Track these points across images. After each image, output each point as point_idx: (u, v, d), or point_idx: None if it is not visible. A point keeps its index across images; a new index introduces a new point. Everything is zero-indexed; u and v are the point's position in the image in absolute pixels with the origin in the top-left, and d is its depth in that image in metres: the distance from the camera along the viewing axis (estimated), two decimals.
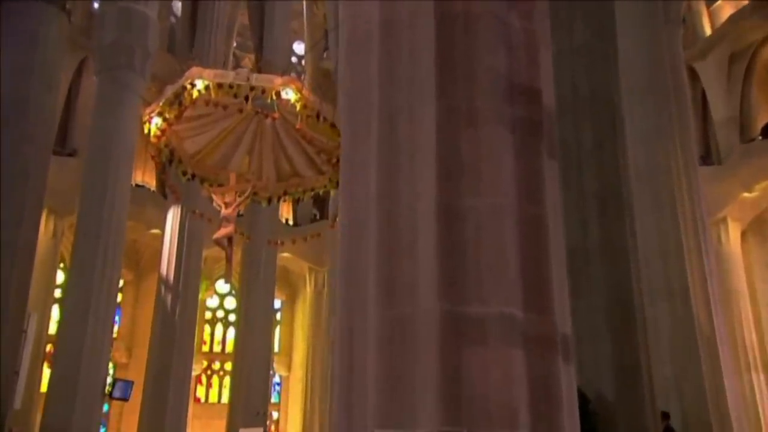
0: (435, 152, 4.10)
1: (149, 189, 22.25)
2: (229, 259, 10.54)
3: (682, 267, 10.80)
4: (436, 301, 3.86)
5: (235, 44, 24.23)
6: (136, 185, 20.23)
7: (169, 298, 17.19)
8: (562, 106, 7.51)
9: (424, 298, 3.90)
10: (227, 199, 10.59)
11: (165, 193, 22.29)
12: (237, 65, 23.97)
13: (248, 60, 25.29)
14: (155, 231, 22.03)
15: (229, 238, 10.49)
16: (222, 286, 25.95)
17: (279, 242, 12.82)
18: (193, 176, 11.43)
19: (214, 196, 11.00)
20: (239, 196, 10.80)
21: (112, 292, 14.43)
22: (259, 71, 11.80)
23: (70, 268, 15.62)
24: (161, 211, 20.24)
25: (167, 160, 10.84)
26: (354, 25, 4.68)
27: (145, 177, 22.97)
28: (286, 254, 22.98)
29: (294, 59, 27.89)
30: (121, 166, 14.91)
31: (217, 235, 10.30)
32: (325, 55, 26.34)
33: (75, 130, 20.98)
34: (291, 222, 25.76)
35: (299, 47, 28.59)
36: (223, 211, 10.55)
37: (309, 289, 25.42)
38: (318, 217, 26.02)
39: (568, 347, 4.00)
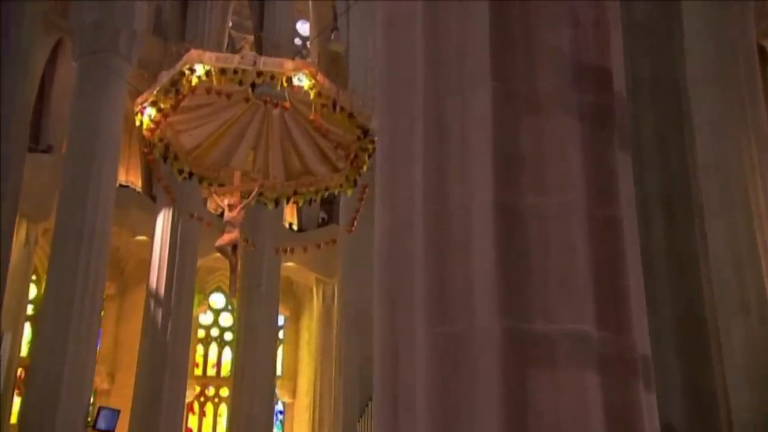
0: (491, 143, 4.06)
1: (134, 190, 22.35)
2: (233, 269, 10.55)
3: (758, 277, 10.67)
4: (495, 318, 3.81)
5: (230, 24, 24.29)
6: (120, 185, 20.25)
7: (159, 314, 17.25)
8: None
9: (480, 314, 3.85)
10: (231, 201, 10.58)
11: (152, 195, 22.39)
12: (233, 48, 24.03)
13: (246, 42, 25.32)
14: (141, 238, 22.10)
15: (234, 246, 10.49)
16: (217, 300, 26.00)
17: (288, 250, 12.80)
18: (191, 175, 11.44)
19: (215, 198, 11.00)
20: (244, 198, 10.77)
21: (96, 308, 14.49)
22: (261, 54, 11.77)
23: (47, 280, 15.69)
24: (149, 215, 20.32)
25: (161, 157, 10.80)
26: (392, 1, 4.65)
27: (130, 176, 23.09)
28: (290, 264, 23.01)
29: (298, 41, 27.91)
30: (106, 164, 14.99)
31: (220, 242, 10.30)
32: (333, 36, 26.36)
33: (50, 122, 21.09)
34: (295, 226, 25.80)
35: (303, 27, 28.61)
36: (227, 215, 10.56)
37: (316, 304, 25.44)
38: (326, 220, 26.04)
39: (649, 372, 3.94)
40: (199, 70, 9.63)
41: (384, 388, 4.13)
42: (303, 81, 9.81)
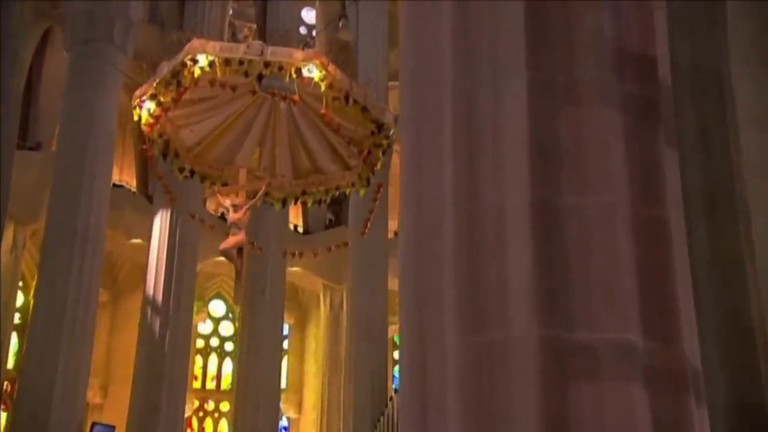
0: (526, 137, 4.05)
1: (129, 189, 22.41)
2: (239, 274, 10.57)
3: None
4: (533, 325, 3.80)
5: (231, 12, 24.34)
6: (114, 185, 20.28)
7: (156, 322, 17.28)
8: None
9: (517, 322, 3.84)
10: (236, 201, 10.60)
11: (148, 195, 22.46)
12: (234, 37, 24.05)
13: (248, 30, 25.38)
14: (136, 241, 22.15)
15: (239, 249, 10.49)
16: (217, 308, 26.05)
17: (297, 254, 12.79)
18: (192, 173, 11.46)
19: (220, 198, 11.02)
20: (250, 198, 10.79)
21: (90, 317, 14.52)
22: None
23: (36, 287, 15.72)
24: (144, 217, 20.35)
25: (161, 154, 10.83)
26: None
27: (124, 175, 23.15)
28: (295, 268, 23.05)
29: (303, 29, 27.95)
30: (100, 161, 15.03)
31: (224, 245, 10.31)
32: (341, 23, 26.38)
33: (38, 118, 21.17)
34: (301, 229, 25.82)
35: (309, 15, 28.65)
36: (231, 216, 10.58)
37: (323, 311, 25.46)
38: (334, 222, 26.05)
39: (700, 385, 3.92)
40: (202, 60, 9.66)
41: (411, 400, 4.13)
42: (313, 72, 9.82)
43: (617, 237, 3.90)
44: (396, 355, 27.13)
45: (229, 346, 25.88)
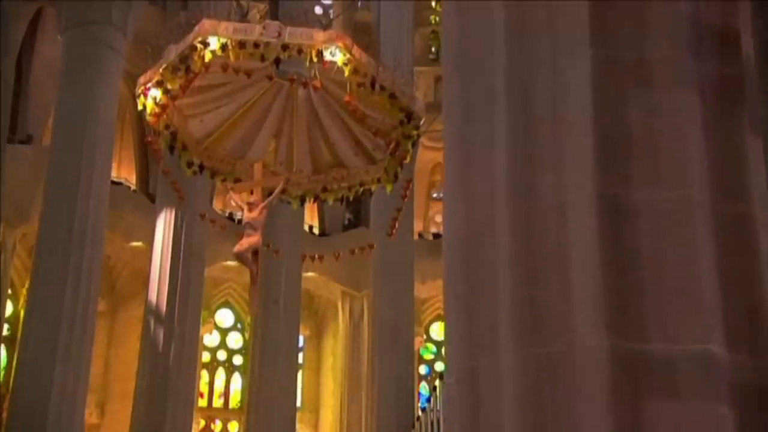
0: (591, 124, 4.00)
1: (128, 187, 22.48)
2: (254, 280, 10.54)
3: None
4: (601, 336, 3.75)
5: None
6: (112, 182, 20.36)
7: (160, 334, 17.31)
8: None
9: (583, 331, 3.79)
10: (251, 199, 10.59)
11: (149, 193, 22.53)
12: (243, 18, 24.08)
13: (258, 11, 25.39)
14: (136, 244, 22.22)
15: (255, 252, 10.47)
16: (224, 317, 26.10)
17: (316, 257, 12.77)
18: (201, 168, 11.47)
19: (233, 195, 11.01)
20: (266, 195, 10.78)
21: (88, 329, 14.58)
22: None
23: (27, 295, 15.78)
24: (146, 217, 20.40)
25: (168, 147, 10.84)
26: None
27: (122, 171, 23.23)
28: (310, 274, 23.08)
29: (318, 9, 27.94)
30: (98, 156, 15.08)
31: (238, 248, 10.30)
32: (360, 2, 26.40)
33: (29, 108, 21.25)
34: (317, 230, 25.84)
35: None
36: (246, 215, 10.57)
37: (342, 321, 25.46)
38: (353, 223, 26.06)
39: None
40: (214, 43, 9.65)
41: (462, 420, 4.09)
42: (336, 55, 9.79)
43: (695, 236, 3.84)
44: (423, 369, 27.14)
45: (237, 360, 25.92)
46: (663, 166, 3.93)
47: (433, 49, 27.43)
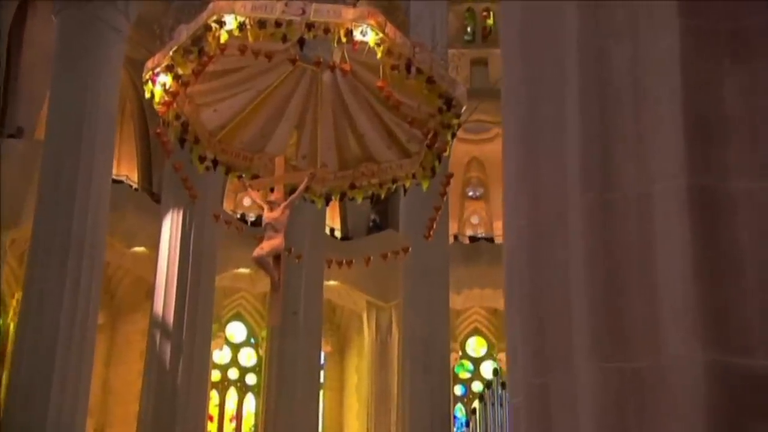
0: (679, 104, 3.92)
1: (129, 186, 22.57)
2: (275, 288, 10.52)
3: None
4: (697, 348, 3.67)
5: None
6: (111, 180, 20.45)
7: (167, 350, 17.34)
8: None
9: (674, 343, 3.72)
10: (273, 197, 10.57)
11: (153, 192, 22.62)
12: None
13: None
14: (138, 249, 22.32)
15: (276, 257, 10.46)
16: (236, 332, 26.14)
17: (344, 262, 12.69)
18: (215, 163, 11.46)
19: (251, 194, 11.01)
20: (288, 193, 10.76)
21: (87, 343, 14.61)
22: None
23: (20, 307, 15.81)
24: (149, 219, 20.49)
25: (178, 140, 10.83)
26: None
27: (122, 167, 23.31)
28: (331, 282, 23.13)
29: None
30: (98, 151, 15.11)
31: (259, 252, 10.28)
32: None
33: (19, 98, 21.37)
34: (338, 233, 25.86)
35: None
36: (266, 215, 10.55)
37: (368, 336, 25.52)
38: (378, 225, 26.05)
39: None
40: (231, 22, 9.63)
41: None
42: (368, 35, 9.75)
43: None
44: (458, 389, 27.08)
45: (251, 379, 25.97)
46: (765, 153, 3.85)
47: (469, 29, 27.40)
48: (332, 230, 25.47)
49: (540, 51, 4.44)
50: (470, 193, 28.64)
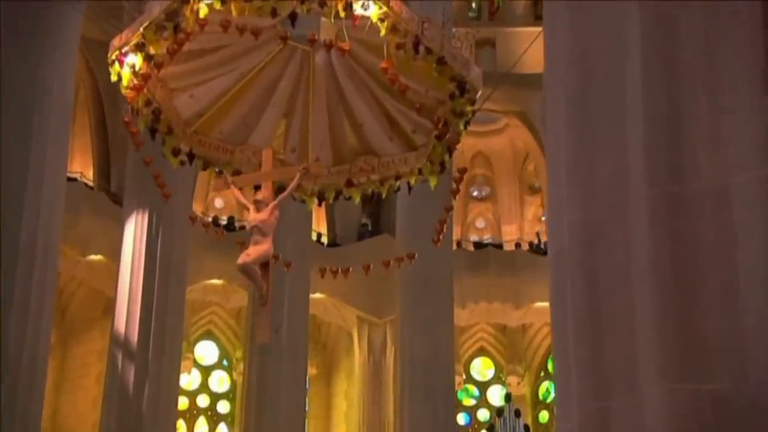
0: (762, 81, 3.89)
1: (84, 184, 22.44)
2: (264, 301, 10.44)
3: None
4: None
5: None
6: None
7: (130, 373, 17.21)
8: None
9: (763, 361, 3.70)
10: (260, 196, 10.50)
11: (111, 191, 22.51)
12: None
13: None
14: (94, 257, 22.21)
15: (264, 264, 10.39)
16: (206, 352, 26.06)
17: (339, 271, 12.55)
18: (191, 157, 11.41)
19: (234, 192, 10.94)
20: (277, 191, 10.72)
21: (38, 368, 14.39)
22: None
23: None
24: (108, 223, 20.43)
25: (149, 129, 10.76)
26: None
27: (75, 164, 23.16)
28: (317, 295, 23.06)
29: None
30: (51, 143, 14.93)
31: (244, 259, 10.16)
32: None
33: None
34: (325, 238, 25.81)
35: None
36: (252, 217, 10.46)
37: (358, 356, 25.46)
38: (371, 229, 25.98)
39: None
40: None
41: None
42: (370, 8, 9.67)
43: None
44: (461, 418, 26.97)
45: (223, 407, 25.91)
46: None
47: (473, 5, 27.39)
48: (318, 235, 25.41)
49: (594, 19, 4.43)
50: (475, 193, 28.61)
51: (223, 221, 23.95)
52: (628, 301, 4.02)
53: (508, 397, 23.60)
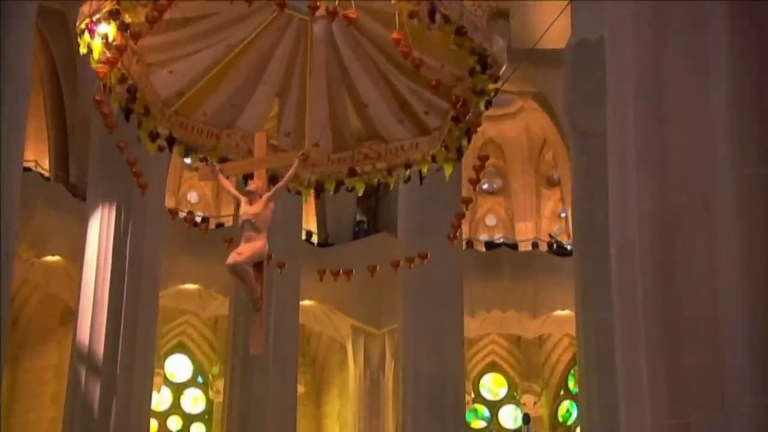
0: None
1: (40, 175, 22.38)
2: (257, 306, 10.35)
3: None
4: None
5: None
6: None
7: (95, 392, 17.19)
8: None
9: None
10: (252, 186, 10.45)
11: (70, 183, 22.45)
12: None
13: None
14: (51, 258, 22.17)
15: (258, 264, 10.32)
16: (178, 368, 26.04)
17: (340, 272, 12.42)
18: (171, 142, 11.35)
19: (223, 182, 10.88)
20: (271, 181, 10.68)
21: None
22: None
23: None
24: (67, 219, 20.41)
25: (123, 110, 10.73)
26: None
27: (28, 151, 23.10)
28: (306, 302, 23.06)
29: None
30: (6, 129, 14.94)
31: (236, 259, 10.05)
32: None
33: None
34: (315, 238, 25.80)
35: None
36: (244, 210, 10.40)
37: (353, 372, 25.48)
38: (367, 227, 25.94)
39: None
40: None
41: None
42: None
43: None
44: None
45: (198, 430, 25.86)
46: None
47: None
48: (308, 234, 25.40)
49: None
50: (485, 186, 28.52)
51: (198, 217, 23.89)
52: (712, 301, 3.97)
53: (527, 419, 23.52)
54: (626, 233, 4.42)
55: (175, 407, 26.07)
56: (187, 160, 23.80)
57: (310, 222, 25.84)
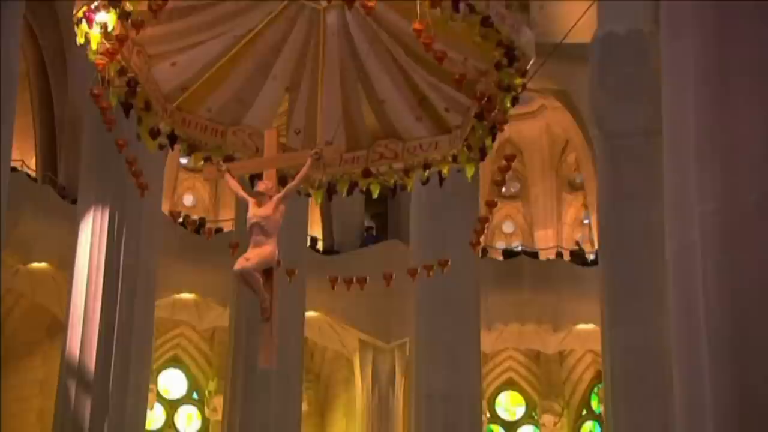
0: None
1: (26, 175, 22.40)
2: (266, 315, 10.33)
3: None
4: None
5: None
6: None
7: (86, 410, 17.17)
8: None
9: None
10: (262, 187, 10.43)
11: (58, 184, 22.44)
12: None
13: None
14: (37, 265, 22.17)
15: (267, 271, 10.29)
16: (173, 384, 26.03)
17: (353, 280, 12.40)
18: (173, 140, 11.37)
19: (230, 182, 10.84)
20: (281, 182, 10.66)
21: None
22: None
23: None
24: (56, 223, 20.39)
25: (122, 105, 10.75)
26: None
27: (13, 150, 23.17)
28: (310, 313, 23.04)
29: None
30: None
31: (244, 264, 10.01)
32: None
33: None
34: (321, 244, 25.78)
35: None
36: (252, 213, 10.38)
37: (361, 389, 25.49)
38: (376, 234, 25.95)
39: None
40: None
41: None
42: None
43: None
44: None
45: None
46: None
47: None
48: (313, 240, 25.38)
49: None
50: (502, 190, 28.43)
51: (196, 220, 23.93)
52: None
53: None
54: (685, 235, 4.38)
55: (169, 425, 26.15)
56: (184, 161, 24.04)
57: (314, 228, 25.83)
